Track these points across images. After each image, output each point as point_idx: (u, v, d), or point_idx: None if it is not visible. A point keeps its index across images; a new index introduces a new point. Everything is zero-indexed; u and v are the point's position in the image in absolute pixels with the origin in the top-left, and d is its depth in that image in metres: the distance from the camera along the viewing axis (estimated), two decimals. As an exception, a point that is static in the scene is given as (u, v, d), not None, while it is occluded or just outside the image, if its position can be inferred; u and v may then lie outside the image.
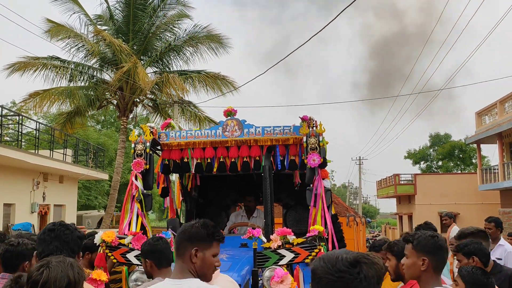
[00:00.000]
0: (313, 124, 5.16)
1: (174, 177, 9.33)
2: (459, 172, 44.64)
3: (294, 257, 4.32)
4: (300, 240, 4.43)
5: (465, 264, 3.54)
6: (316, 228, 4.43)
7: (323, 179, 4.98)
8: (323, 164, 5.01)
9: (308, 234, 4.49)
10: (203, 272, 2.30)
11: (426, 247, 2.66)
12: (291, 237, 4.43)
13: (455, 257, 4.18)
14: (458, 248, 3.77)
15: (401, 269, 3.14)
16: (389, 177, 38.12)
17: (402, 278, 3.46)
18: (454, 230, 8.34)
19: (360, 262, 1.50)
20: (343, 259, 1.50)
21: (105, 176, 23.83)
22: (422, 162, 51.12)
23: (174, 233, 5.43)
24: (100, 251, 4.67)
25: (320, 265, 1.53)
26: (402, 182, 35.59)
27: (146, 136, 5.50)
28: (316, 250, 4.34)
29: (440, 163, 49.58)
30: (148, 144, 5.44)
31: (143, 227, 5.26)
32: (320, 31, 12.65)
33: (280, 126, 5.43)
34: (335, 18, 11.45)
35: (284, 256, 4.34)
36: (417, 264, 2.66)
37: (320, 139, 5.07)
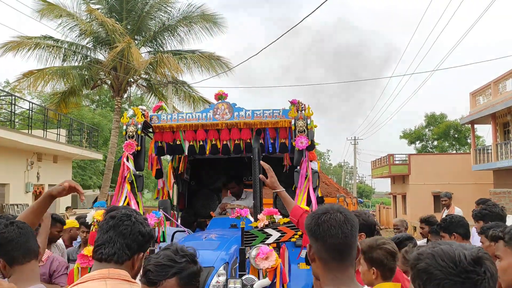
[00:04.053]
0: (302, 107, 5.23)
1: (169, 158, 9.43)
2: (454, 152, 44.92)
3: (280, 236, 4.43)
4: (286, 219, 4.55)
5: (487, 247, 3.20)
6: (302, 207, 4.53)
7: (311, 161, 5.07)
8: (311, 146, 5.10)
9: (294, 214, 4.60)
10: None
11: None
12: (278, 217, 4.55)
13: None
14: (482, 230, 3.65)
15: None
16: (383, 157, 38.37)
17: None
18: (457, 211, 8.42)
19: (483, 258, 1.31)
20: (466, 256, 1.30)
21: (99, 156, 23.90)
22: (417, 142, 51.33)
23: (165, 214, 5.54)
24: (92, 230, 4.77)
25: (438, 265, 1.30)
26: (397, 162, 35.87)
27: (137, 118, 5.55)
28: (302, 230, 4.45)
29: (435, 143, 49.81)
30: (139, 126, 5.50)
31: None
32: (311, 13, 12.62)
33: (269, 109, 5.49)
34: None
35: (271, 235, 4.45)
36: None
37: (308, 122, 5.15)
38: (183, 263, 1.82)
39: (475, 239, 4.97)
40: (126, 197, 5.31)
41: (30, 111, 18.57)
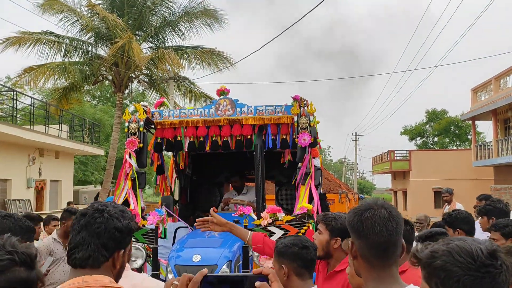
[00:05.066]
0: (304, 104, 5.23)
1: (170, 153, 9.43)
2: (454, 148, 44.86)
3: (283, 234, 4.43)
4: (290, 217, 4.56)
5: (501, 244, 3.12)
6: (305, 206, 4.54)
7: (314, 158, 5.07)
8: (314, 143, 5.10)
9: (297, 212, 4.61)
10: None
11: None
12: (281, 215, 4.56)
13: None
14: (497, 227, 3.57)
15: (332, 246, 2.80)
16: (384, 153, 38.36)
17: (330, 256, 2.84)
18: (458, 207, 8.41)
19: (497, 251, 1.29)
20: (483, 250, 1.28)
21: (100, 152, 23.94)
22: (418, 138, 51.25)
23: (168, 210, 5.54)
24: None
25: (456, 261, 1.27)
26: (397, 158, 35.87)
27: (139, 115, 5.55)
28: (305, 228, 4.46)
29: (436, 139, 49.73)
30: (141, 122, 5.49)
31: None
32: (315, 7, 12.59)
33: (272, 106, 5.49)
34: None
35: (274, 233, 4.46)
36: None
37: (311, 118, 5.15)
38: (5, 261, 1.32)
39: (477, 235, 4.98)
40: (126, 193, 5.32)
41: (32, 107, 18.55)
